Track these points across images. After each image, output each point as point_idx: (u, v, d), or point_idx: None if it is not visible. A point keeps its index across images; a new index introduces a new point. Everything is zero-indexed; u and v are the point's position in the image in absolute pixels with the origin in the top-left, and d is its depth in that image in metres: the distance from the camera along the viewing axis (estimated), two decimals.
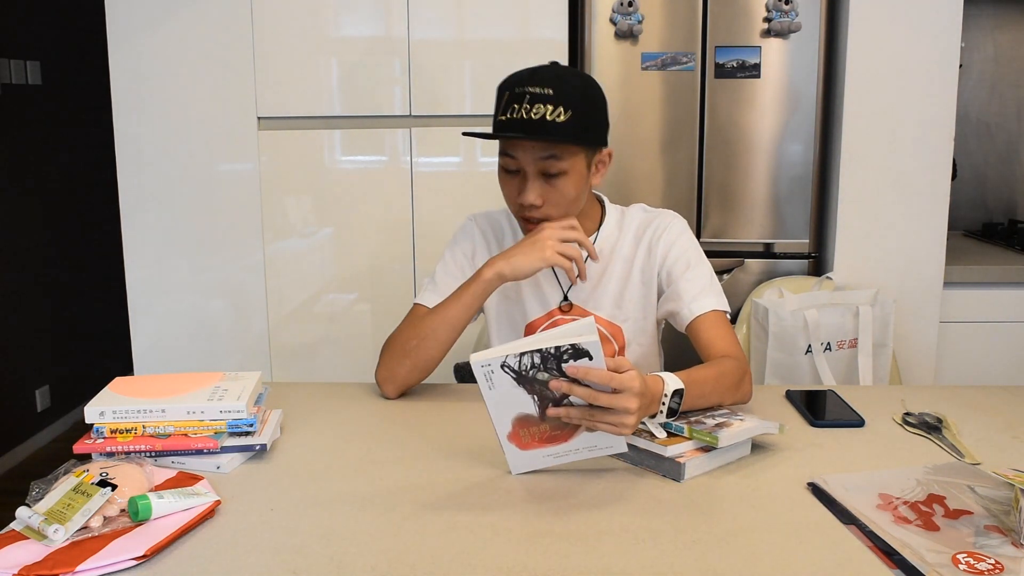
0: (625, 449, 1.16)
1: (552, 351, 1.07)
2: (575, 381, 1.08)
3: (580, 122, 1.38)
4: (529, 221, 1.46)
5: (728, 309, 1.50)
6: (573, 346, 1.07)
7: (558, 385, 1.08)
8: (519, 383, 1.10)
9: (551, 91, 1.36)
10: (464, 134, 1.49)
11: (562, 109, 1.36)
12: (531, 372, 1.09)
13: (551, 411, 1.11)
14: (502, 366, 1.09)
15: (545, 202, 1.42)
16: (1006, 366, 2.42)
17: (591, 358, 1.07)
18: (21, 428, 3.56)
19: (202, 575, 0.93)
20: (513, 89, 1.39)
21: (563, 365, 1.08)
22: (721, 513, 1.06)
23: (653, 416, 1.20)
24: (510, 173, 1.44)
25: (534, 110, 1.35)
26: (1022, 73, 2.97)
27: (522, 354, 1.08)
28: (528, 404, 1.12)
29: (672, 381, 1.20)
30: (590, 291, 1.56)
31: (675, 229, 1.55)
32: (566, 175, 1.41)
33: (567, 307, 1.56)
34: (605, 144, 1.48)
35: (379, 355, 1.53)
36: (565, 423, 1.13)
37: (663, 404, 1.19)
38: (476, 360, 1.09)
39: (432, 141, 2.41)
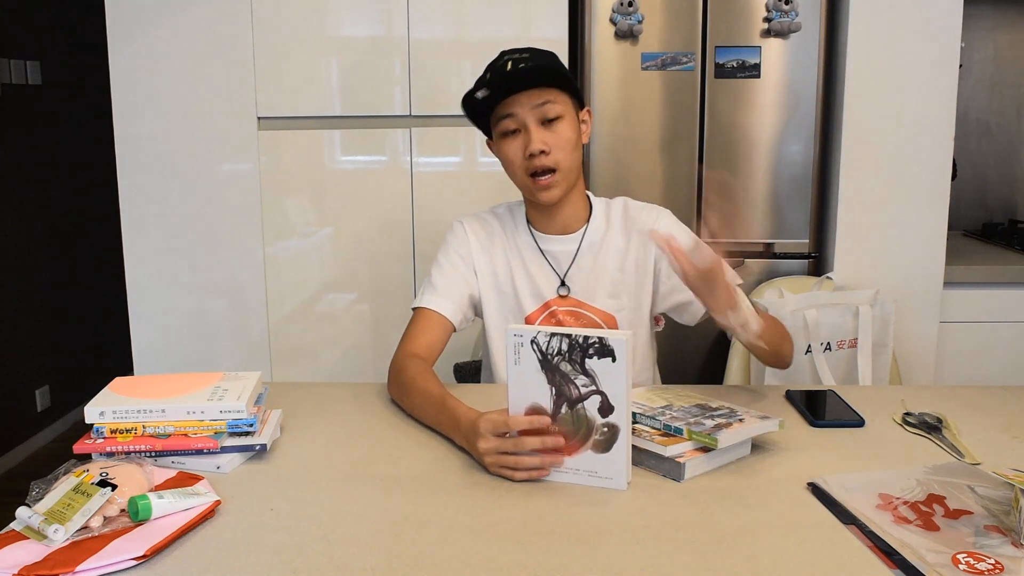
0: (623, 487, 1.13)
1: (580, 340, 1.12)
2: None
3: (561, 71, 1.50)
4: (539, 176, 1.49)
5: (740, 281, 1.57)
6: (601, 340, 1.11)
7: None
8: (543, 367, 1.14)
9: (527, 54, 1.49)
10: (463, 102, 1.52)
11: (543, 64, 1.48)
12: (556, 359, 1.13)
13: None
14: (532, 341, 1.14)
15: (551, 148, 1.47)
16: (1006, 366, 2.42)
17: (614, 360, 1.11)
18: (21, 428, 3.56)
19: (202, 575, 0.93)
20: (493, 65, 1.50)
21: (589, 355, 1.12)
22: (721, 513, 1.06)
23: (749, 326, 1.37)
24: (511, 135, 1.50)
25: (519, 67, 1.46)
26: (1022, 73, 2.97)
27: (552, 335, 1.14)
28: (544, 395, 1.14)
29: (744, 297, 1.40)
30: (584, 281, 1.58)
31: (666, 221, 1.61)
32: (562, 119, 1.48)
33: (564, 293, 1.57)
34: (583, 104, 1.56)
35: (392, 363, 1.52)
36: (574, 433, 1.14)
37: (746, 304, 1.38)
38: (511, 328, 1.16)
39: (432, 141, 2.41)
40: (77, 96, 3.88)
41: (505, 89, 1.46)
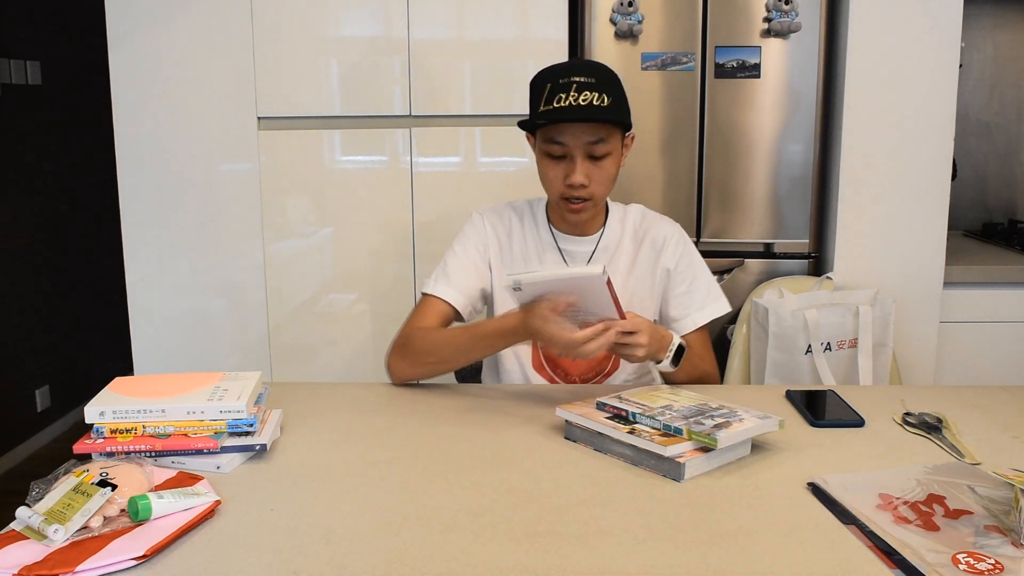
0: (599, 271, 1.33)
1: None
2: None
3: (619, 106, 1.50)
4: (573, 202, 1.54)
5: (729, 309, 1.65)
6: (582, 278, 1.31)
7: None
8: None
9: (594, 79, 1.48)
10: (519, 125, 1.56)
11: (605, 95, 1.47)
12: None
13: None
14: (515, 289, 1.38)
15: (591, 182, 1.51)
16: (1006, 366, 2.42)
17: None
18: (21, 428, 3.56)
19: (202, 575, 0.93)
20: (556, 80, 1.47)
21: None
22: (721, 513, 1.06)
23: (659, 362, 1.45)
24: (554, 159, 1.52)
25: (582, 97, 1.46)
26: (1022, 73, 2.97)
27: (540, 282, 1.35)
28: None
29: (677, 339, 1.46)
30: None
31: (681, 238, 1.66)
32: (609, 156, 1.52)
33: None
34: (630, 127, 1.57)
35: (394, 344, 1.56)
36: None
37: (670, 352, 1.44)
38: (507, 279, 1.38)
39: (432, 141, 2.41)
40: (77, 96, 3.88)
41: (560, 120, 1.48)
